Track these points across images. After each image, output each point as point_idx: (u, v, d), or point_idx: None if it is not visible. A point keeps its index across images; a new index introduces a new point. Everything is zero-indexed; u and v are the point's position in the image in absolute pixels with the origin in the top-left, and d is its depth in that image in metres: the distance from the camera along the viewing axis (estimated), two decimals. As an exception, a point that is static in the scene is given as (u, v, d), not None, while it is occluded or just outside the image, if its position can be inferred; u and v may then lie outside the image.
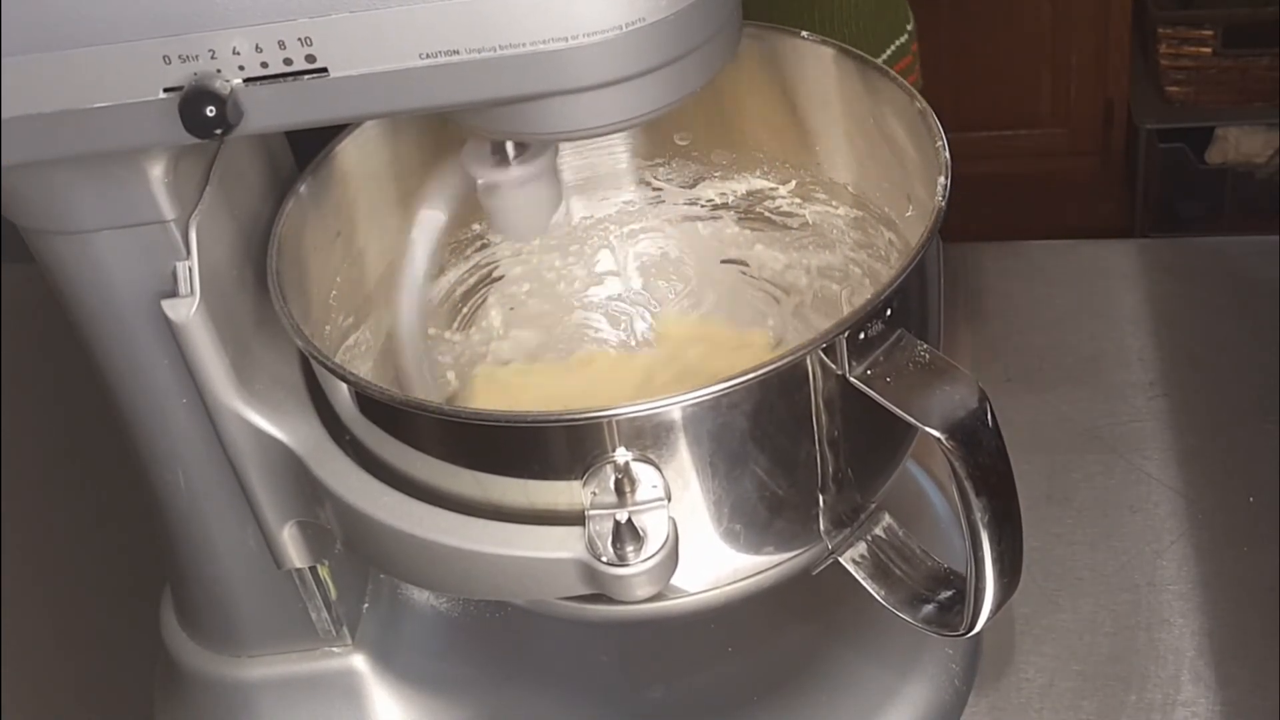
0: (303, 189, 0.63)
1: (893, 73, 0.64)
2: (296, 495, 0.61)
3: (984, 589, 0.56)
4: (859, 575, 0.62)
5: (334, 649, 0.69)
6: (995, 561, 0.55)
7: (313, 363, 0.57)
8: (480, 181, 0.59)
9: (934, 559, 0.62)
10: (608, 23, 0.47)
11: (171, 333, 0.57)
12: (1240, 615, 0.73)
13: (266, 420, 0.59)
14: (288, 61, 0.48)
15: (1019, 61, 2.11)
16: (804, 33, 0.67)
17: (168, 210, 0.55)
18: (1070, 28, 2.08)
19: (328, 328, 0.65)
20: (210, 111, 0.47)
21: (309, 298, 0.63)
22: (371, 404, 0.56)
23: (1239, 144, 2.01)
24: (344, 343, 0.67)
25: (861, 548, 0.62)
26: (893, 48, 1.00)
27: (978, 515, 0.54)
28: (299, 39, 0.47)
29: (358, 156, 0.67)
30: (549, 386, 0.74)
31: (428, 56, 0.48)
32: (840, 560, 0.62)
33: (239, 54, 0.48)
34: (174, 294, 0.56)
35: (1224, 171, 2.03)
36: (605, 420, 0.53)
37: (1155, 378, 0.86)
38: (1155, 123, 2.04)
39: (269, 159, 0.64)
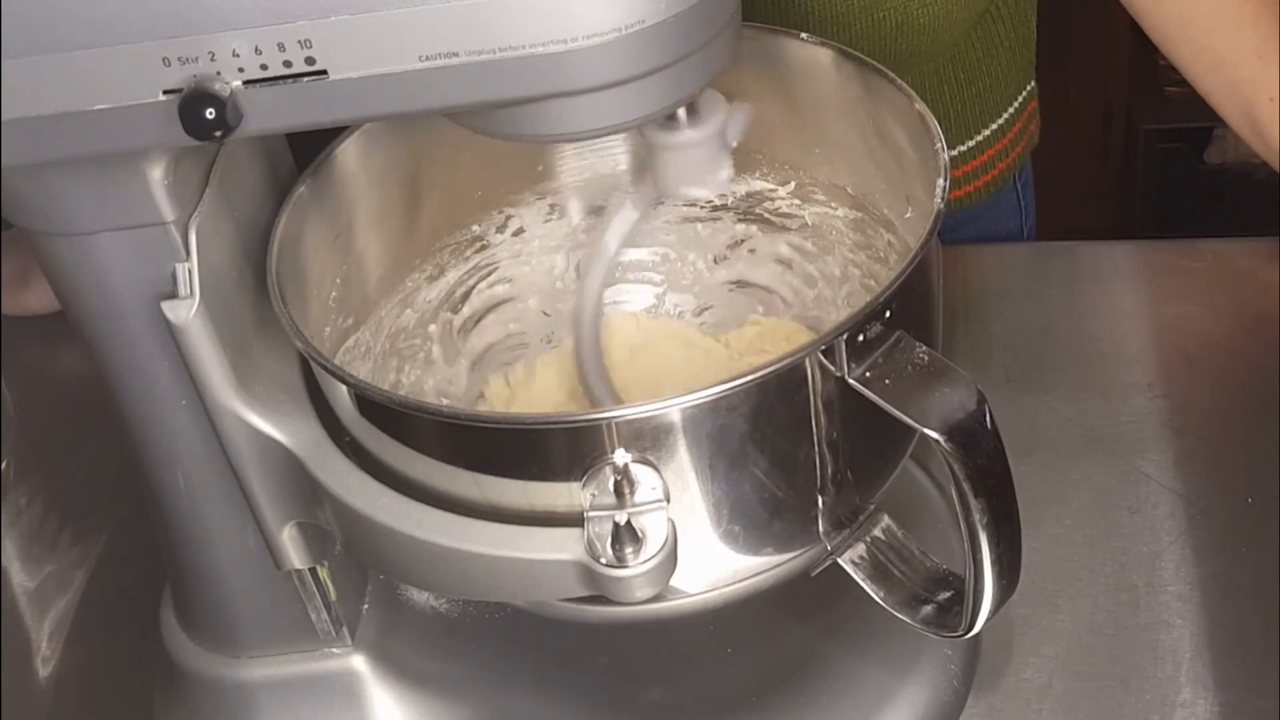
0: (302, 190, 0.63)
1: (891, 74, 0.64)
2: (296, 496, 0.62)
3: (983, 590, 0.56)
4: (858, 576, 0.62)
5: (334, 650, 0.69)
6: (994, 563, 0.55)
7: (312, 365, 0.57)
8: (656, 141, 0.60)
9: (933, 560, 0.62)
10: (607, 25, 0.47)
11: (171, 334, 0.57)
12: (1239, 616, 0.73)
13: (266, 422, 0.59)
14: (287, 64, 0.48)
15: (1018, 61, 2.10)
16: (803, 34, 0.67)
17: (167, 212, 0.55)
18: (1070, 28, 2.08)
19: (327, 329, 0.65)
20: (210, 114, 0.47)
21: (309, 299, 0.63)
22: (371, 405, 0.57)
23: (1238, 144, 2.00)
24: (344, 344, 0.67)
25: (860, 549, 0.62)
26: (1018, 100, 1.00)
27: (976, 517, 0.54)
28: (299, 41, 0.47)
29: (358, 158, 0.67)
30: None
31: (427, 59, 0.48)
32: (839, 561, 0.62)
33: (239, 56, 0.48)
34: (174, 295, 0.56)
35: (1223, 171, 2.03)
36: (604, 422, 0.53)
37: (1154, 378, 0.86)
38: (1154, 123, 2.04)
39: (269, 161, 0.64)
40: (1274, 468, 0.79)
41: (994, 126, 1.00)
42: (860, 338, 0.53)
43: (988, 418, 0.53)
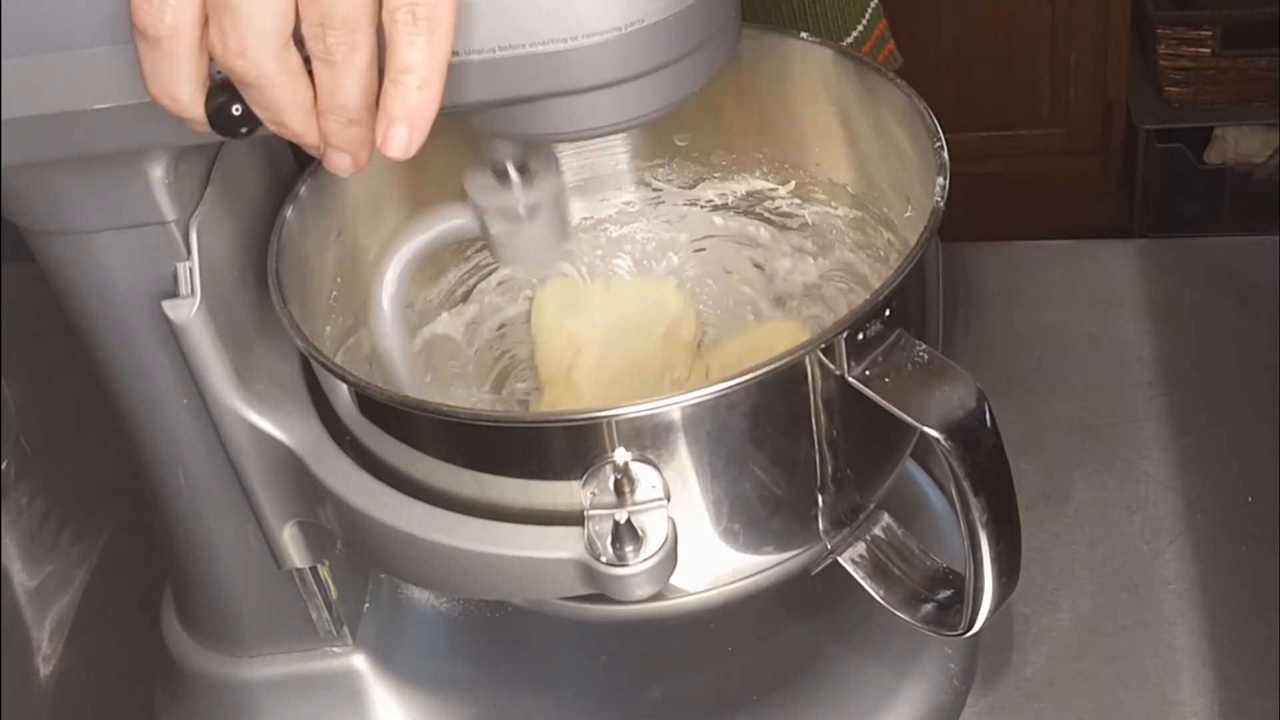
0: (303, 190, 0.63)
1: (891, 74, 0.64)
2: (297, 495, 0.62)
3: (983, 589, 0.56)
4: (858, 575, 0.62)
5: (334, 649, 0.69)
6: (994, 561, 0.55)
7: (313, 363, 0.57)
8: (485, 209, 0.59)
9: (933, 559, 0.62)
10: (607, 24, 0.47)
11: (172, 333, 0.57)
12: (1239, 615, 0.73)
13: (267, 420, 0.60)
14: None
15: (1019, 61, 2.11)
16: (803, 34, 0.67)
17: (168, 211, 0.55)
18: (1070, 28, 2.08)
19: (328, 328, 0.65)
20: (236, 110, 0.47)
21: (309, 298, 0.63)
22: (371, 404, 0.57)
23: (1238, 144, 2.01)
24: (344, 343, 0.67)
25: (861, 547, 0.62)
26: (864, 21, 0.97)
27: (976, 515, 0.54)
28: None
29: None
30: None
31: (427, 57, 0.48)
32: (839, 560, 0.62)
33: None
34: (174, 294, 0.56)
35: (1223, 171, 2.03)
36: (604, 421, 0.53)
37: (1154, 378, 0.86)
38: (1154, 123, 2.04)
39: (269, 160, 0.64)
40: (1274, 467, 0.80)
41: (869, 14, 0.96)
42: (860, 336, 0.53)
43: (987, 416, 0.53)
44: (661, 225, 0.77)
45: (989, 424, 0.53)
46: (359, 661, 0.69)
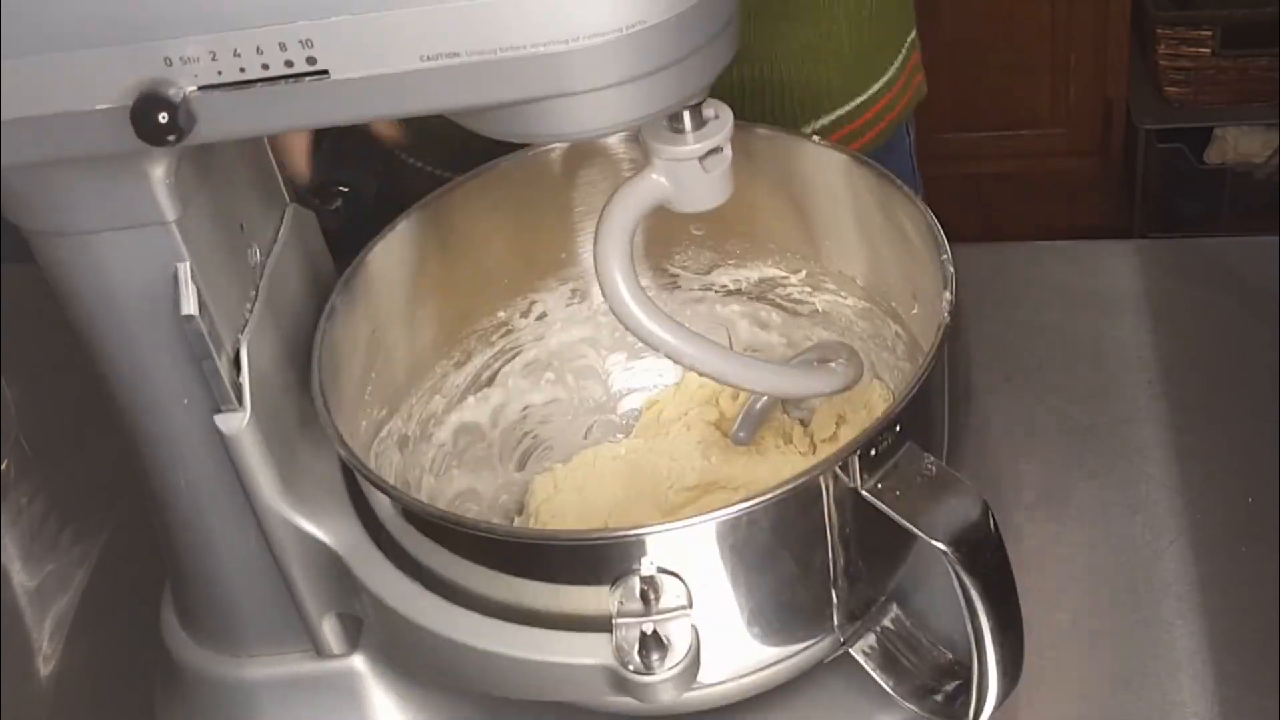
0: (338, 300, 0.65)
1: (899, 181, 0.65)
2: (337, 589, 0.64)
3: (987, 686, 0.59)
4: (869, 666, 0.64)
5: (334, 649, 0.69)
6: (998, 663, 0.58)
7: (357, 476, 0.60)
8: (661, 156, 0.58)
9: (940, 649, 0.64)
10: (608, 25, 0.47)
11: (222, 444, 0.58)
12: (1239, 615, 0.73)
13: (310, 523, 0.61)
14: (289, 63, 0.48)
15: (1019, 61, 2.11)
16: (815, 138, 0.69)
17: (168, 211, 0.55)
18: (1070, 28, 2.08)
19: (363, 422, 0.67)
20: (162, 118, 0.47)
21: (344, 395, 0.65)
22: (410, 513, 0.59)
23: (1238, 144, 2.01)
24: (378, 434, 0.69)
25: (871, 639, 0.64)
26: (902, 51, 0.97)
27: (981, 620, 0.56)
28: (300, 41, 0.47)
29: (387, 258, 0.69)
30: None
31: (428, 59, 0.48)
32: (851, 652, 0.64)
33: (239, 56, 0.48)
34: (221, 410, 0.58)
35: (1223, 171, 2.03)
36: (633, 539, 0.56)
37: (1155, 377, 0.86)
38: (1154, 123, 2.04)
39: (309, 265, 0.66)
40: (1274, 467, 0.79)
41: (906, 44, 0.96)
42: (872, 451, 0.56)
43: (991, 526, 0.56)
44: (677, 308, 0.78)
45: (993, 535, 0.56)
46: (358, 662, 0.69)
